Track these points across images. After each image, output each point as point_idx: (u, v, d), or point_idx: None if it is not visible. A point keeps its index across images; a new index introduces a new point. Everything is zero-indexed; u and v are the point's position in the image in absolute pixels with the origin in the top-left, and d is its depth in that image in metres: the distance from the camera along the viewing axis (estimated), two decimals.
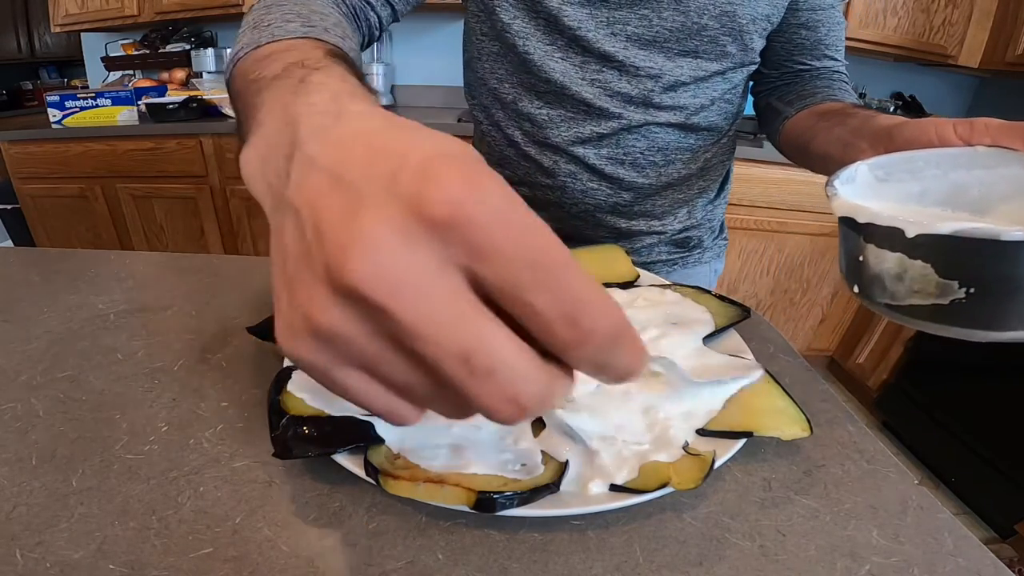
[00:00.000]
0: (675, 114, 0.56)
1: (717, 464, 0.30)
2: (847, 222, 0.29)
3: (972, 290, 0.25)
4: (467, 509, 0.27)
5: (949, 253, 0.26)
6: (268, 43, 0.30)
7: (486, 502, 0.27)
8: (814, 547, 0.28)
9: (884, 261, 0.28)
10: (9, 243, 2.64)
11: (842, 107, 0.51)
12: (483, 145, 0.66)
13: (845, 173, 0.32)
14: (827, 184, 0.31)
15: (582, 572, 0.26)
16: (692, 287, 0.48)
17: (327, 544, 0.27)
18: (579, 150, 0.58)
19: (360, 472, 0.29)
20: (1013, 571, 0.32)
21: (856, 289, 0.31)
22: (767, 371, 0.38)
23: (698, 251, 0.69)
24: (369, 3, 0.51)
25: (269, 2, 0.38)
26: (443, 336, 0.13)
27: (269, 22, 0.33)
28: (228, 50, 2.16)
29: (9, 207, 2.31)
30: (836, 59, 0.61)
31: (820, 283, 1.93)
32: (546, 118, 0.58)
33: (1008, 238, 0.23)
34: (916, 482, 0.33)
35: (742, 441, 0.32)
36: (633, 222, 0.63)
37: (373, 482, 0.28)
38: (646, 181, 0.60)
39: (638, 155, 0.58)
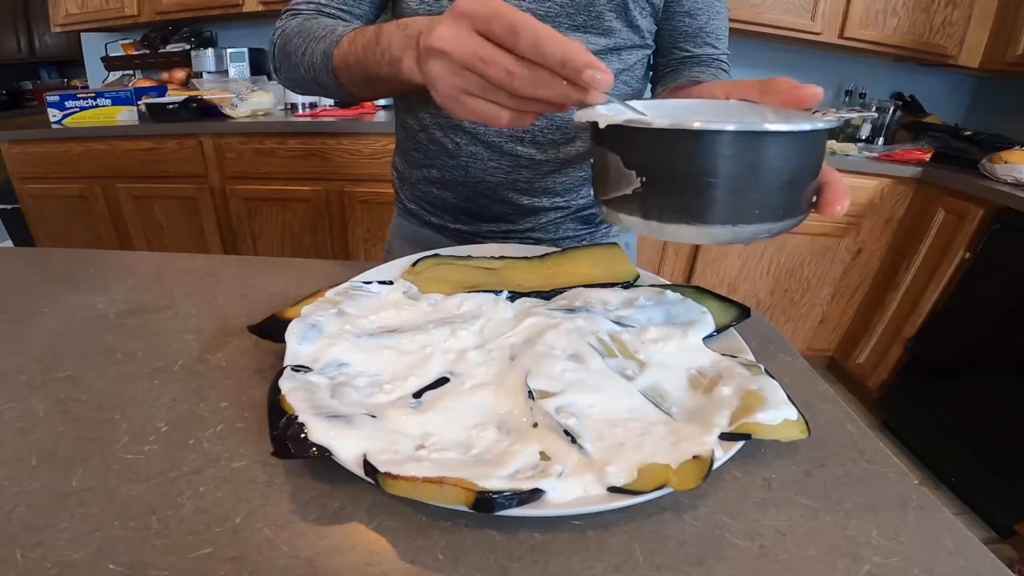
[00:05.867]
0: None
1: (717, 464, 0.30)
2: (589, 131, 0.34)
3: (644, 179, 0.30)
4: (467, 509, 0.27)
5: (627, 143, 0.30)
6: (340, 42, 0.49)
7: (486, 502, 0.27)
8: (814, 547, 0.28)
9: (597, 157, 0.33)
10: (9, 243, 2.64)
11: (693, 83, 0.57)
12: (401, 131, 0.71)
13: (613, 105, 0.35)
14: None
15: (582, 572, 0.26)
16: (692, 287, 0.48)
17: (327, 544, 0.27)
18: (480, 127, 0.61)
19: (360, 472, 0.29)
20: (1013, 571, 0.32)
21: (592, 193, 0.37)
22: (767, 371, 0.38)
23: (604, 226, 0.73)
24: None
25: (296, 31, 0.55)
26: (464, 52, 0.32)
27: (321, 35, 0.52)
28: (228, 50, 2.16)
29: (9, 207, 2.31)
30: (716, 47, 0.64)
31: (820, 283, 1.93)
32: None
33: (657, 125, 0.28)
34: (916, 482, 0.33)
35: (741, 442, 0.32)
36: (535, 199, 0.66)
37: (373, 482, 0.28)
38: (544, 157, 0.63)
39: (537, 132, 0.61)
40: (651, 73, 0.69)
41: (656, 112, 0.36)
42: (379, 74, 0.44)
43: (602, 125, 0.30)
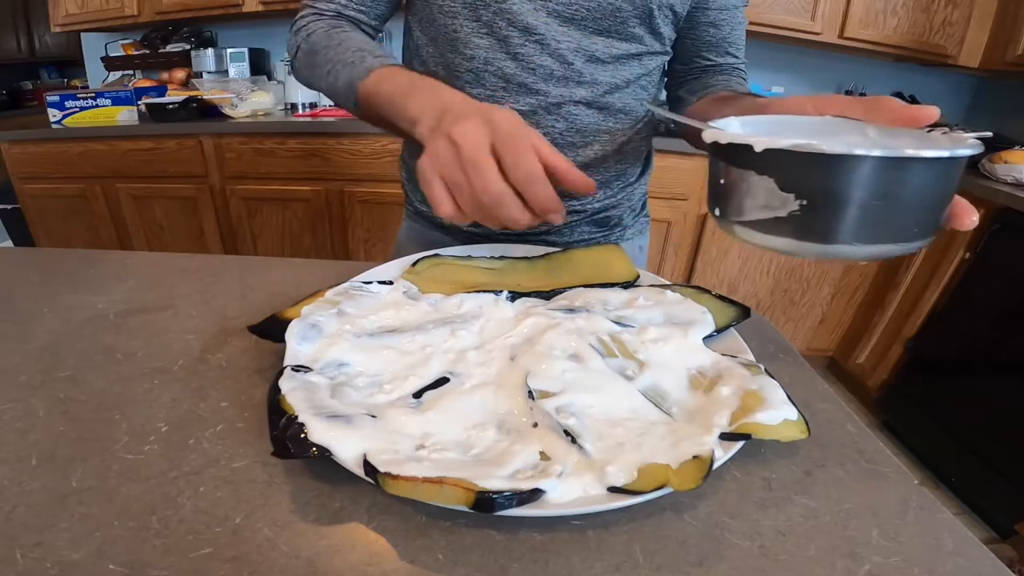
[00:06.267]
0: (591, 90, 0.59)
1: (717, 464, 0.30)
2: (714, 149, 0.35)
3: (804, 202, 0.30)
4: (467, 509, 0.27)
5: (786, 167, 0.30)
6: (368, 76, 0.51)
7: (485, 502, 0.27)
8: (814, 547, 0.28)
9: (738, 179, 0.33)
10: (9, 243, 2.64)
11: (734, 94, 0.59)
12: None
13: (720, 122, 0.38)
14: (704, 127, 0.35)
15: (582, 572, 0.26)
16: (692, 287, 0.48)
17: (327, 544, 0.27)
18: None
19: (360, 472, 0.29)
20: (1013, 571, 0.32)
21: (717, 212, 0.36)
22: (767, 371, 0.38)
23: (619, 229, 0.73)
24: (367, 24, 0.65)
25: (323, 43, 0.57)
26: (474, 164, 0.38)
27: (349, 60, 0.53)
28: (228, 50, 2.16)
29: (9, 207, 2.31)
30: (737, 56, 0.66)
31: (820, 283, 1.93)
32: None
33: (830, 151, 0.28)
34: (916, 482, 0.33)
35: (741, 442, 0.32)
36: None
37: (373, 482, 0.28)
38: None
39: (557, 136, 0.61)
40: (666, 79, 0.70)
41: (751, 130, 0.38)
42: (394, 122, 0.48)
43: (758, 148, 0.30)
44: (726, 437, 0.32)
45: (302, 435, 0.30)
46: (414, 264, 0.51)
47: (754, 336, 0.46)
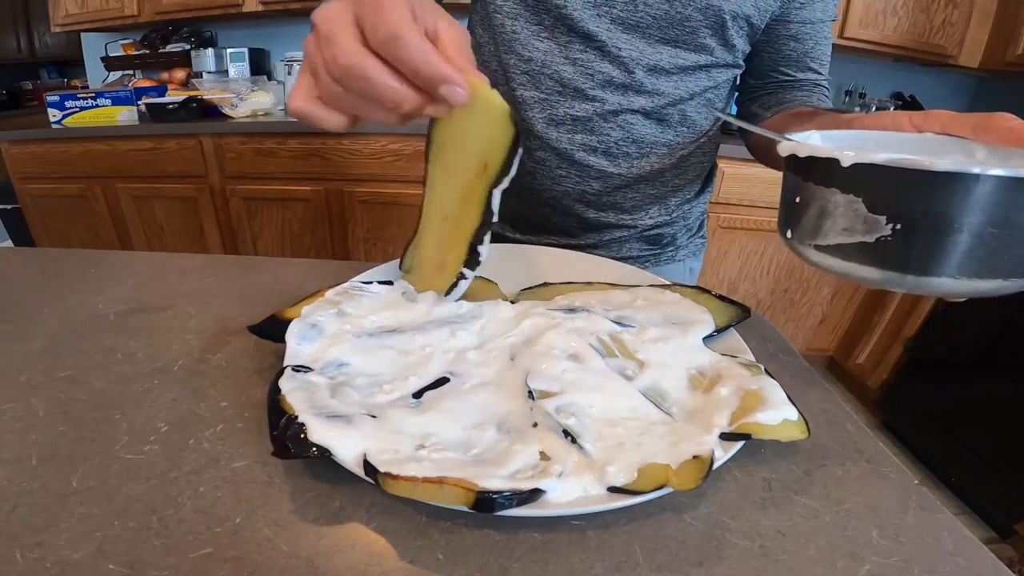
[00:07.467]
0: (652, 100, 0.57)
1: (717, 464, 0.30)
2: (790, 164, 0.31)
3: (898, 227, 0.26)
4: (467, 509, 0.27)
5: (880, 185, 0.26)
6: None
7: (485, 502, 0.27)
8: (814, 547, 0.28)
9: (817, 197, 0.29)
10: (9, 243, 2.64)
11: (813, 109, 0.54)
12: None
13: (799, 135, 0.34)
14: (779, 138, 0.32)
15: (582, 572, 0.26)
16: (692, 287, 0.48)
17: (327, 544, 0.27)
18: (552, 133, 0.59)
19: (360, 472, 0.29)
20: (1013, 571, 0.32)
21: (788, 234, 0.33)
22: (767, 371, 0.38)
23: (671, 249, 0.70)
24: None
25: None
26: (340, 45, 0.29)
27: None
28: (228, 50, 2.16)
29: (9, 207, 2.31)
30: (819, 72, 0.62)
31: (820, 283, 1.93)
32: (520, 100, 0.59)
33: (939, 168, 0.24)
34: (916, 482, 0.33)
35: (741, 442, 0.32)
36: (602, 213, 0.63)
37: (373, 482, 0.28)
38: (616, 171, 0.60)
39: (612, 144, 0.59)
40: (736, 94, 0.66)
41: (834, 144, 0.34)
42: None
43: (846, 163, 0.26)
44: (726, 437, 0.32)
45: (302, 435, 0.30)
46: None
47: (754, 336, 0.46)
